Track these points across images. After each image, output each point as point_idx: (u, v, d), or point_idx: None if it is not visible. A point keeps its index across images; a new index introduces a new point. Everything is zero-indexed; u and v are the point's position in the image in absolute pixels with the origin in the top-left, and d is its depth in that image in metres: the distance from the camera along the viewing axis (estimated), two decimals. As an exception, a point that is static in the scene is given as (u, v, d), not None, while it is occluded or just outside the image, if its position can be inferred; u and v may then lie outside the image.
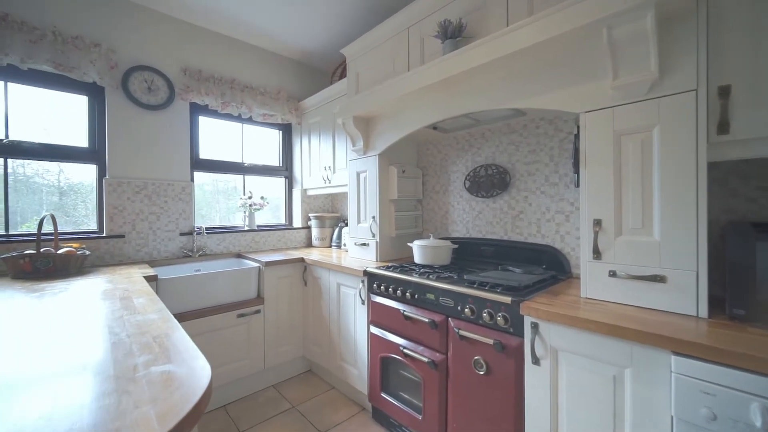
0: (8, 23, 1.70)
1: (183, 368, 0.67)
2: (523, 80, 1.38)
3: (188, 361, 0.71)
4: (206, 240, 2.42)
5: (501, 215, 1.89)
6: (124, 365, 0.70)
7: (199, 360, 0.72)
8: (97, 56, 1.94)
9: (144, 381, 0.63)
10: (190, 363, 0.71)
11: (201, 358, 0.73)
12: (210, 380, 0.63)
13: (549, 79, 1.30)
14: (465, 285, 1.38)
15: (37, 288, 1.42)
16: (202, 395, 0.58)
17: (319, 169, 2.70)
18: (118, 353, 0.76)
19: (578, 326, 1.01)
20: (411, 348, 1.57)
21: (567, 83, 1.25)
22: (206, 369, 0.67)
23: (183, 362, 0.71)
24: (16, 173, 1.92)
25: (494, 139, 1.91)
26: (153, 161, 2.19)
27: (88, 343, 0.83)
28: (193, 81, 2.31)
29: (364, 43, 2.14)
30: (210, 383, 0.63)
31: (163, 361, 0.71)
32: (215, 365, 1.93)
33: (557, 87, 1.27)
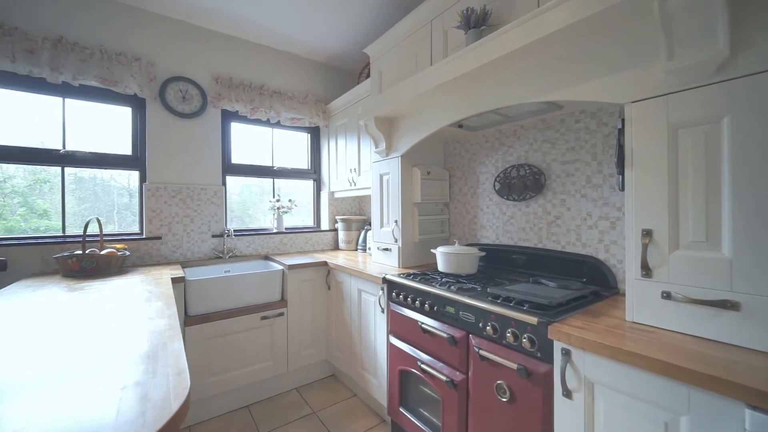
0: (63, 45, 1.87)
1: (158, 391, 0.65)
2: (557, 69, 1.21)
3: (166, 380, 0.69)
4: (236, 242, 2.50)
5: (535, 220, 1.70)
6: (102, 374, 0.69)
7: (182, 381, 0.69)
8: (138, 70, 2.07)
9: (118, 400, 0.61)
10: (169, 382, 0.68)
11: (183, 379, 0.70)
12: (180, 406, 0.59)
13: (587, 65, 1.12)
14: (488, 300, 1.25)
15: (78, 286, 1.53)
16: (164, 424, 0.54)
17: (345, 171, 2.68)
18: (107, 361, 0.76)
19: (620, 359, 0.84)
20: (429, 364, 1.46)
21: (609, 69, 1.07)
22: (181, 395, 0.63)
23: (160, 384, 0.68)
24: (96, 179, 2.16)
25: (527, 137, 1.73)
26: (187, 167, 2.31)
27: (86, 346, 0.84)
28: (224, 88, 2.39)
29: (386, 41, 2.06)
30: (179, 410, 0.59)
31: (144, 377, 0.69)
32: (239, 366, 1.97)
33: (597, 74, 1.10)
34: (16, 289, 1.47)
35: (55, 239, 1.94)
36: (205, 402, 1.90)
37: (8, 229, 1.93)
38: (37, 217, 2.02)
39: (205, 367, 1.86)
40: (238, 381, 1.97)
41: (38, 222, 2.01)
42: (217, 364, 1.90)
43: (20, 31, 1.78)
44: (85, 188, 2.15)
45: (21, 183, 1.98)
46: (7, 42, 1.74)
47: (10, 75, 1.82)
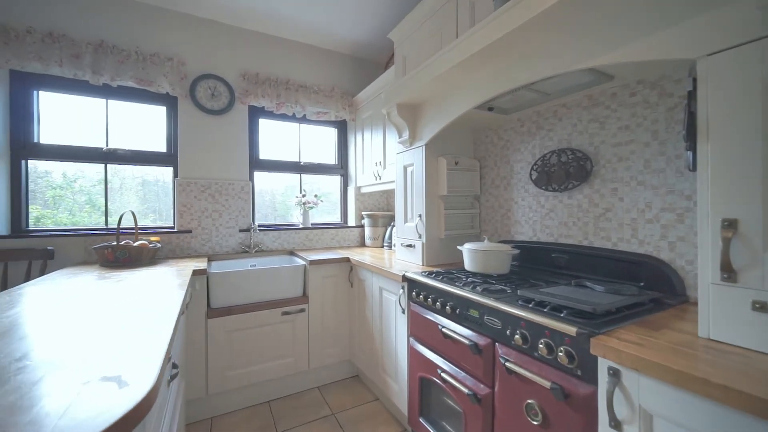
0: (103, 48, 1.98)
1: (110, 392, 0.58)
2: (606, 25, 1.00)
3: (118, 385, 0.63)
4: (263, 237, 2.51)
5: (579, 214, 1.47)
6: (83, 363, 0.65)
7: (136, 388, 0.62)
8: (170, 69, 2.15)
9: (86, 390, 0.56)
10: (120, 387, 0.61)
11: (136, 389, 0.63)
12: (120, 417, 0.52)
13: (646, 15, 0.90)
14: (516, 303, 1.07)
15: (107, 275, 1.59)
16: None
17: (371, 165, 2.58)
18: (91, 350, 0.72)
19: (691, 389, 0.64)
20: (451, 373, 1.30)
21: (675, 16, 0.84)
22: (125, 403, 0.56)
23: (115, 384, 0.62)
24: (145, 176, 2.30)
25: (570, 117, 1.49)
26: (216, 162, 2.36)
27: (85, 332, 0.82)
28: (251, 84, 2.41)
29: (410, 23, 1.92)
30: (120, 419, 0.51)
31: (110, 374, 0.63)
32: (260, 360, 1.96)
33: (659, 25, 0.87)
34: (55, 276, 1.56)
35: (98, 231, 2.07)
36: (227, 395, 1.90)
37: (59, 223, 2.10)
38: (98, 212, 2.17)
39: (226, 359, 1.86)
40: (258, 376, 1.95)
41: (99, 218, 2.17)
42: (239, 358, 1.90)
43: (67, 37, 1.91)
44: (149, 189, 2.29)
45: (87, 183, 2.15)
46: (56, 48, 1.87)
47: (58, 79, 1.97)
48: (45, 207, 2.08)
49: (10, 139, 1.93)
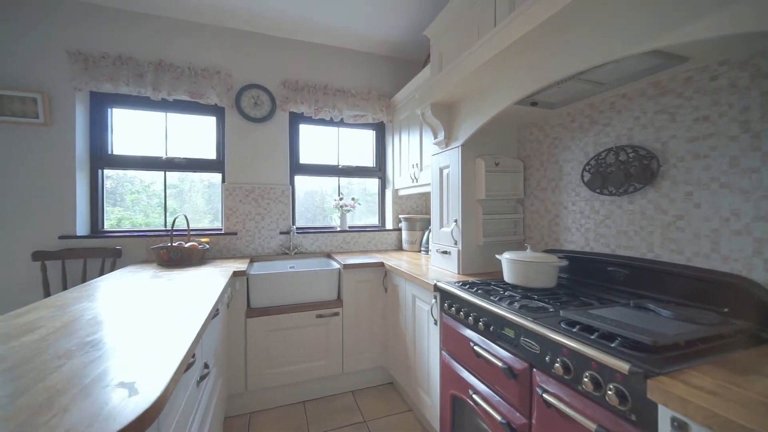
0: (162, 67, 2.18)
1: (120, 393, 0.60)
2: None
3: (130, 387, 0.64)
4: (301, 239, 2.58)
5: (643, 222, 1.25)
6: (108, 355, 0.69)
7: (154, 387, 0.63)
8: (218, 82, 2.29)
9: (105, 390, 0.58)
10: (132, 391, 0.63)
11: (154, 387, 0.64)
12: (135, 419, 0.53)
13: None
14: (558, 326, 0.93)
15: (161, 274, 1.74)
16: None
17: (407, 167, 2.52)
18: (124, 344, 0.77)
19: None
20: (483, 395, 1.19)
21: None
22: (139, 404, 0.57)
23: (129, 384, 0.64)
24: (203, 182, 2.51)
25: (631, 109, 1.29)
26: (259, 167, 2.47)
27: (121, 331, 0.88)
28: (291, 92, 2.49)
29: (446, 18, 1.82)
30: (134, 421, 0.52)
31: (126, 376, 0.66)
32: (295, 361, 2.00)
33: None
34: (119, 273, 1.74)
35: (159, 233, 2.29)
36: (265, 392, 1.97)
37: (137, 224, 2.36)
38: (169, 214, 2.42)
39: (264, 358, 1.93)
40: (294, 376, 2.00)
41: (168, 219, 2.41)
42: (276, 357, 1.96)
43: (133, 59, 2.13)
44: (214, 191, 2.51)
45: (159, 188, 2.41)
46: (124, 70, 2.10)
47: (126, 96, 2.22)
48: (125, 209, 2.36)
49: (90, 151, 2.21)
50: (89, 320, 1.00)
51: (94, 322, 0.99)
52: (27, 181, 2.01)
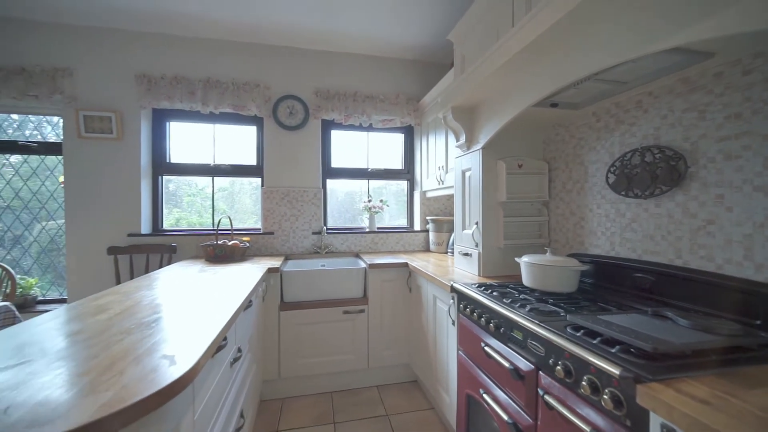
0: (210, 84, 2.45)
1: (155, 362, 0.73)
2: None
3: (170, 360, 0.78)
4: (332, 239, 2.72)
5: (670, 226, 1.19)
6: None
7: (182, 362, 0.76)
8: (257, 94, 2.51)
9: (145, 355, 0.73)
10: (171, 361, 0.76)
11: (186, 361, 0.77)
12: (170, 383, 0.65)
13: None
14: (564, 330, 0.94)
15: (207, 269, 1.96)
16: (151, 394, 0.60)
17: (434, 169, 2.55)
18: (172, 325, 0.92)
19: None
20: (493, 395, 1.21)
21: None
22: (173, 373, 0.70)
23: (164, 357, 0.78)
24: (251, 185, 2.77)
25: (658, 107, 1.22)
26: (294, 172, 2.66)
27: (171, 315, 1.05)
28: (323, 100, 2.64)
29: (467, 22, 1.84)
30: (168, 386, 0.65)
31: (168, 350, 0.80)
32: (323, 354, 2.13)
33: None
34: (173, 267, 2.00)
35: (208, 232, 2.56)
36: (296, 380, 2.13)
37: (191, 223, 2.67)
38: (218, 214, 2.72)
39: (295, 348, 2.09)
40: (322, 367, 2.13)
41: (217, 219, 2.71)
42: (306, 349, 2.11)
43: (186, 78, 2.42)
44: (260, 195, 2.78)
45: (211, 191, 2.72)
46: (178, 88, 2.39)
47: (180, 111, 2.51)
48: (182, 210, 2.69)
49: (152, 160, 2.54)
50: (146, 305, 1.20)
51: (150, 307, 1.18)
52: (103, 187, 2.37)
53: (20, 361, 0.74)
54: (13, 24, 2.26)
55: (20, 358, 0.76)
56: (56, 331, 0.93)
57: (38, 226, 2.53)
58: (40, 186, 2.52)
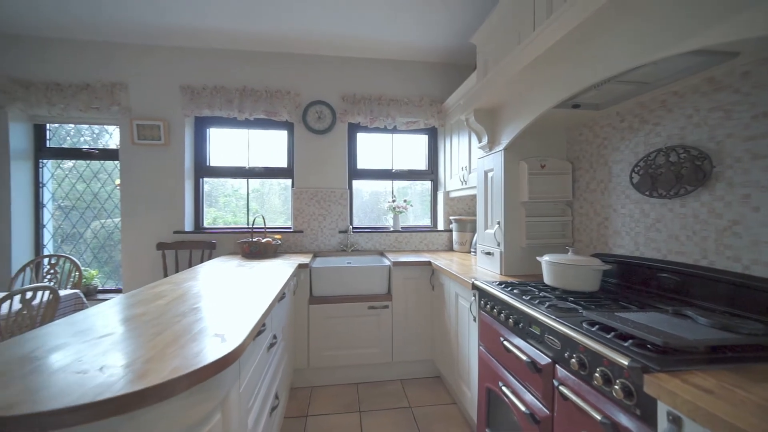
0: (245, 92, 2.63)
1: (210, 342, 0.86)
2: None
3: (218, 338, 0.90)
4: (357, 237, 2.84)
5: (696, 226, 1.18)
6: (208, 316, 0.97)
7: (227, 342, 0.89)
8: (288, 101, 2.67)
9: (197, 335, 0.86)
10: (222, 339, 0.89)
11: (233, 341, 0.89)
12: (217, 360, 0.77)
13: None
14: (580, 325, 0.97)
15: (244, 264, 2.13)
16: (203, 365, 0.72)
17: (457, 169, 2.60)
18: (215, 314, 1.05)
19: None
20: (512, 387, 1.26)
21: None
22: (220, 350, 0.82)
23: (213, 337, 0.90)
24: (280, 185, 2.96)
25: (683, 107, 1.22)
26: (321, 173, 2.80)
27: (218, 301, 1.18)
28: (349, 105, 2.76)
29: (489, 26, 1.88)
30: (215, 362, 0.77)
31: (219, 330, 0.93)
32: (349, 346, 2.24)
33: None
34: (213, 262, 2.19)
35: (244, 230, 2.75)
36: (324, 370, 2.26)
37: (227, 222, 2.89)
38: (251, 214, 2.92)
39: (323, 340, 2.21)
40: (349, 359, 2.24)
41: (250, 218, 2.92)
42: (333, 341, 2.23)
43: (225, 88, 2.62)
44: (289, 195, 2.96)
45: (245, 192, 2.93)
46: (217, 97, 2.60)
47: (219, 118, 2.72)
48: (219, 209, 2.91)
49: (194, 163, 2.77)
50: (195, 294, 1.35)
51: (198, 295, 1.33)
52: (153, 188, 2.62)
53: (103, 335, 0.90)
54: (78, 45, 2.55)
55: (103, 332, 0.92)
56: (125, 312, 1.09)
57: (97, 224, 2.83)
58: (100, 188, 2.82)
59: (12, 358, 0.76)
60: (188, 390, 0.72)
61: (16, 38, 2.50)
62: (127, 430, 0.64)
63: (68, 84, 2.49)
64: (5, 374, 0.69)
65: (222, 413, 0.85)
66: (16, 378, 0.67)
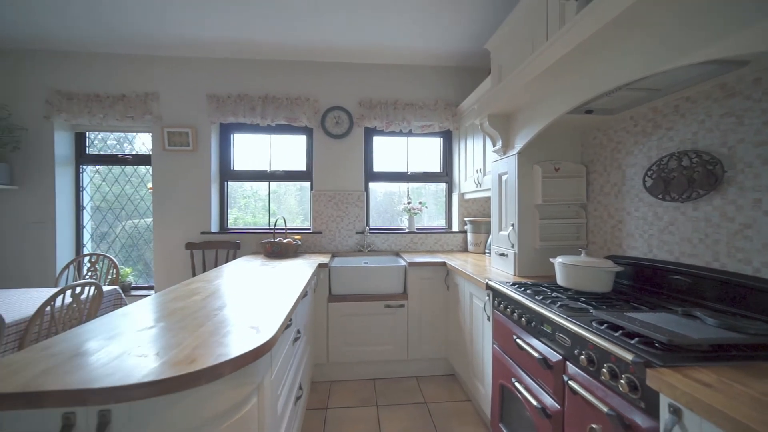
0: (267, 100, 2.76)
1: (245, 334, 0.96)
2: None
3: (253, 330, 1.00)
4: (374, 238, 2.92)
5: (708, 229, 1.21)
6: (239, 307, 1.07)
7: (261, 333, 0.98)
8: (308, 107, 2.79)
9: (231, 330, 0.96)
10: (257, 331, 0.98)
11: (264, 332, 0.99)
12: (250, 350, 0.87)
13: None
14: (589, 324, 1.02)
15: (267, 263, 2.25)
16: (241, 354, 0.82)
17: (472, 172, 2.64)
18: (242, 308, 1.16)
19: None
20: (524, 383, 1.31)
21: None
22: (256, 340, 0.91)
23: (247, 330, 1.00)
24: (296, 187, 3.09)
25: (696, 112, 1.24)
26: (339, 176, 2.90)
27: (246, 298, 1.29)
28: (366, 109, 2.85)
29: (504, 32, 1.93)
30: (250, 352, 0.86)
31: (253, 323, 1.03)
32: (366, 343, 2.33)
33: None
34: (238, 261, 2.32)
35: (265, 230, 2.89)
36: (343, 366, 2.35)
37: (247, 222, 3.03)
38: (273, 215, 3.07)
39: (342, 336, 2.31)
40: (365, 355, 2.33)
41: (271, 219, 3.06)
42: (351, 337, 2.32)
43: (248, 96, 2.76)
44: (304, 194, 3.09)
45: (264, 194, 3.08)
46: (241, 105, 2.74)
47: (242, 125, 2.86)
48: (239, 210, 3.06)
49: (219, 168, 2.93)
50: (226, 290, 1.47)
51: (229, 292, 1.45)
52: (182, 191, 2.79)
53: (152, 325, 1.01)
54: (115, 58, 2.75)
55: (152, 323, 1.03)
56: (168, 306, 1.21)
57: (130, 224, 3.03)
58: (133, 192, 3.02)
59: (81, 344, 0.87)
60: (231, 374, 0.82)
61: (62, 54, 2.71)
62: (185, 405, 0.74)
63: (106, 95, 2.69)
64: (79, 356, 0.80)
65: (257, 397, 0.94)
66: (89, 360, 0.78)
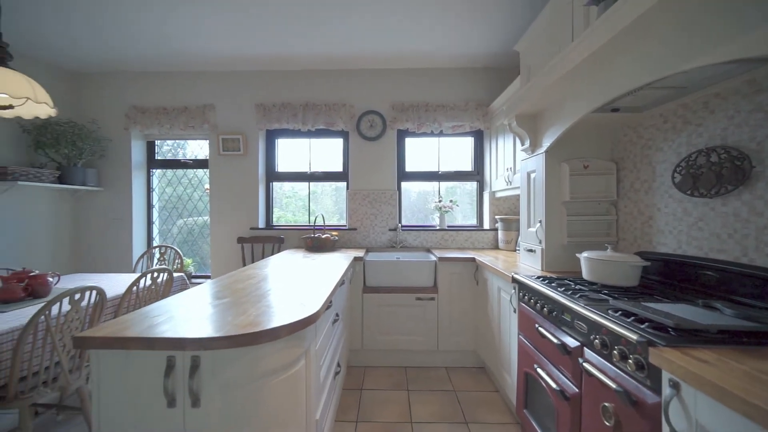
0: (308, 107, 3.01)
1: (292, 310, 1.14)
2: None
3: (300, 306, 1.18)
4: (406, 235, 3.07)
5: (737, 224, 1.21)
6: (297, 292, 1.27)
7: (306, 308, 1.17)
8: (344, 112, 3.00)
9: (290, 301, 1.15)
10: (303, 306, 1.17)
11: (311, 307, 1.17)
12: (300, 319, 1.05)
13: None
14: (601, 312, 1.10)
15: (308, 256, 2.48)
16: (292, 322, 1.01)
17: (503, 170, 2.70)
18: (295, 293, 1.36)
19: (751, 416, 0.63)
20: (546, 369, 1.39)
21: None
22: (302, 313, 1.10)
23: (295, 306, 1.19)
24: (332, 187, 3.34)
25: (725, 108, 1.25)
26: (373, 177, 3.08)
27: (293, 283, 1.50)
28: (398, 113, 3.00)
29: (532, 34, 1.98)
30: (300, 321, 1.05)
31: (301, 300, 1.22)
32: (398, 333, 2.48)
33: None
34: (283, 254, 2.58)
35: (306, 227, 3.15)
36: (376, 352, 2.52)
37: (288, 220, 3.32)
38: (312, 214, 3.34)
39: (376, 325, 2.48)
40: (397, 344, 2.48)
41: (310, 217, 3.33)
42: (384, 326, 2.49)
43: (290, 104, 3.03)
44: (339, 194, 3.34)
45: (304, 194, 3.36)
46: (284, 112, 3.01)
47: (285, 130, 3.14)
48: (281, 209, 3.36)
49: (266, 170, 3.23)
50: (276, 276, 1.69)
51: (278, 277, 1.67)
52: (235, 191, 3.12)
53: (223, 300, 1.24)
54: (178, 75, 3.14)
55: (223, 299, 1.26)
56: (231, 287, 1.45)
57: (189, 221, 3.43)
58: (192, 192, 3.42)
59: (171, 310, 1.11)
60: (285, 337, 1.01)
61: (137, 75, 3.16)
62: (250, 358, 0.95)
63: (172, 108, 3.09)
64: (173, 319, 1.04)
65: (305, 360, 1.13)
66: (181, 321, 1.01)
